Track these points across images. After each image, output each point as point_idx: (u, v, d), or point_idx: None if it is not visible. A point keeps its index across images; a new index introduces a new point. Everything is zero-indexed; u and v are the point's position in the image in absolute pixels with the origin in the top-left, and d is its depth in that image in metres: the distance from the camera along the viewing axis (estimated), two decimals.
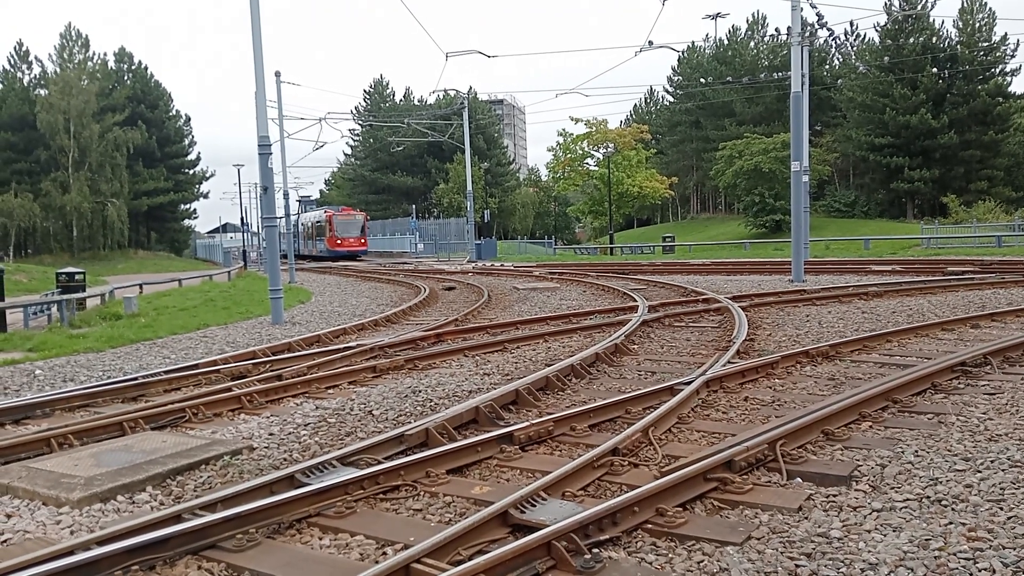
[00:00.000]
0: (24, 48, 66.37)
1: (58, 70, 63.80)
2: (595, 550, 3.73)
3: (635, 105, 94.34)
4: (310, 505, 4.40)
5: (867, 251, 34.36)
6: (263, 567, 3.76)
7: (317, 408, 7.16)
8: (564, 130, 66.39)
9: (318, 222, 55.99)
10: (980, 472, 4.65)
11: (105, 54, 70.89)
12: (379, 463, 5.04)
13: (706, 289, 16.90)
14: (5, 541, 4.30)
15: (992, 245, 33.29)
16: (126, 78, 71.55)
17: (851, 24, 64.71)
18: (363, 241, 54.17)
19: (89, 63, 66.17)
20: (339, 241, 52.45)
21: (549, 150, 69.64)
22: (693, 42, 79.40)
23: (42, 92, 62.70)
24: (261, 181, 15.87)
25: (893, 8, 58.03)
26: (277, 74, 31.69)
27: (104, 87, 65.13)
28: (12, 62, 66.07)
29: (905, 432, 5.56)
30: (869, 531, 3.88)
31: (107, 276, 37.57)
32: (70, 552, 3.70)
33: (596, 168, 64.59)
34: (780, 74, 58.73)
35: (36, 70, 66.30)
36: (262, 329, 13.86)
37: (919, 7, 57.36)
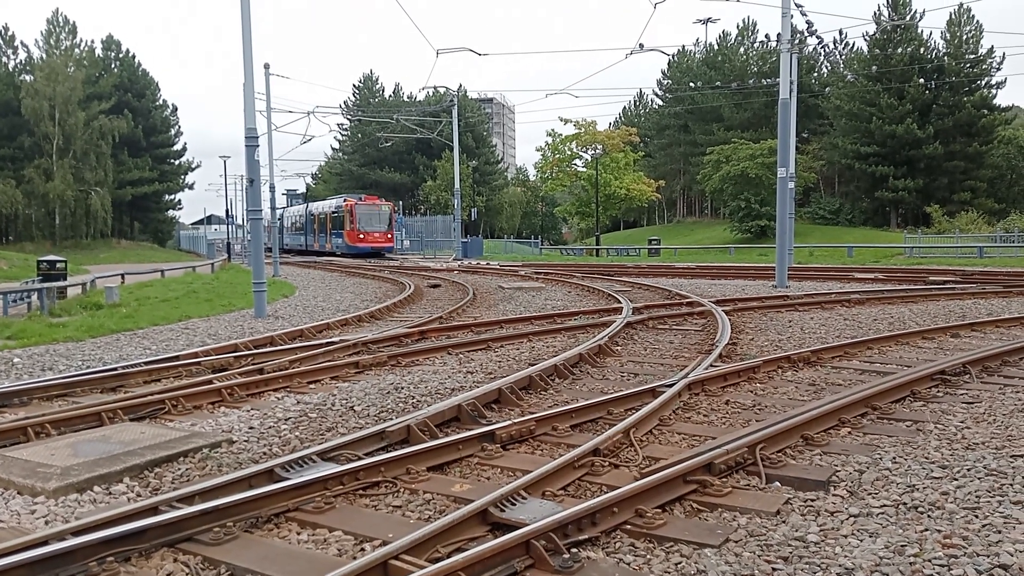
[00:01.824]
0: (10, 33, 65.55)
1: (44, 56, 63.08)
2: (574, 550, 3.73)
3: (624, 107, 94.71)
4: (289, 500, 4.38)
5: (850, 259, 34.60)
6: (240, 561, 3.74)
7: (298, 403, 7.13)
8: (553, 130, 66.53)
9: (335, 213, 48.09)
10: (956, 480, 4.70)
11: (92, 41, 70.22)
12: (359, 459, 5.02)
13: (690, 293, 16.96)
14: None
15: (974, 255, 33.62)
16: (113, 66, 70.85)
17: (840, 33, 65.39)
18: (390, 236, 46.49)
19: (76, 50, 65.46)
20: (361, 236, 44.66)
21: (538, 150, 69.79)
22: (683, 46, 79.67)
23: (27, 78, 61.93)
24: (247, 173, 15.78)
25: (882, 18, 58.48)
26: (266, 66, 31.51)
27: (90, 75, 64.46)
28: None
29: (883, 439, 5.61)
30: (846, 536, 3.91)
31: (89, 265, 37.25)
32: (44, 542, 3.66)
33: (584, 169, 64.69)
34: (768, 80, 59.15)
35: (22, 55, 65.53)
36: (244, 322, 13.78)
37: (908, 18, 57.82)
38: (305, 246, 55.15)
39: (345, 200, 47.40)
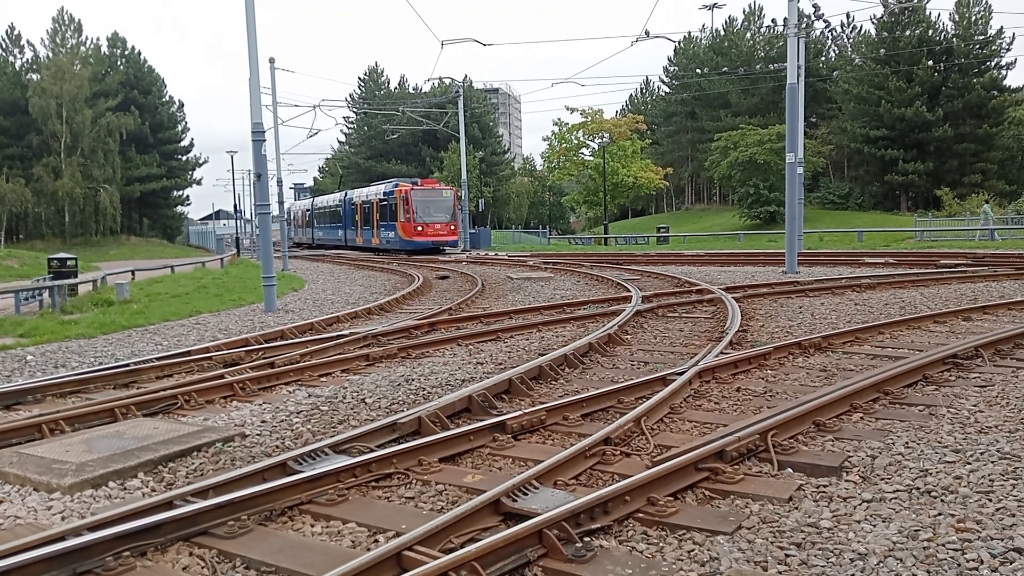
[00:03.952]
0: (16, 32, 65.65)
1: (50, 55, 63.25)
2: (586, 539, 3.74)
3: (631, 95, 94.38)
4: (302, 492, 4.40)
5: (861, 243, 34.43)
6: (255, 554, 3.76)
7: (310, 396, 7.16)
8: (559, 119, 66.26)
9: (384, 201, 40.41)
10: (970, 464, 4.68)
11: (98, 39, 70.40)
12: (372, 451, 5.04)
13: (700, 280, 16.93)
14: None
15: (985, 238, 33.39)
16: (119, 63, 70.87)
17: (847, 16, 64.89)
18: (454, 228, 38.79)
19: (82, 48, 65.61)
20: (419, 228, 37.26)
21: (544, 139, 69.65)
22: (689, 32, 79.48)
23: (34, 77, 62.07)
24: (254, 168, 15.80)
25: (889, 0, 58.00)
26: (271, 60, 31.39)
27: (97, 72, 64.51)
28: (4, 46, 65.42)
29: (896, 424, 5.59)
30: (859, 521, 3.90)
31: (99, 262, 37.41)
32: (61, 538, 3.69)
33: (591, 158, 64.49)
34: (776, 65, 58.76)
35: (28, 54, 65.65)
36: (255, 316, 13.83)
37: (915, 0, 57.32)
38: (344, 241, 47.56)
39: (397, 185, 39.60)
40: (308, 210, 56.36)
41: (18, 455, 5.35)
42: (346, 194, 48.63)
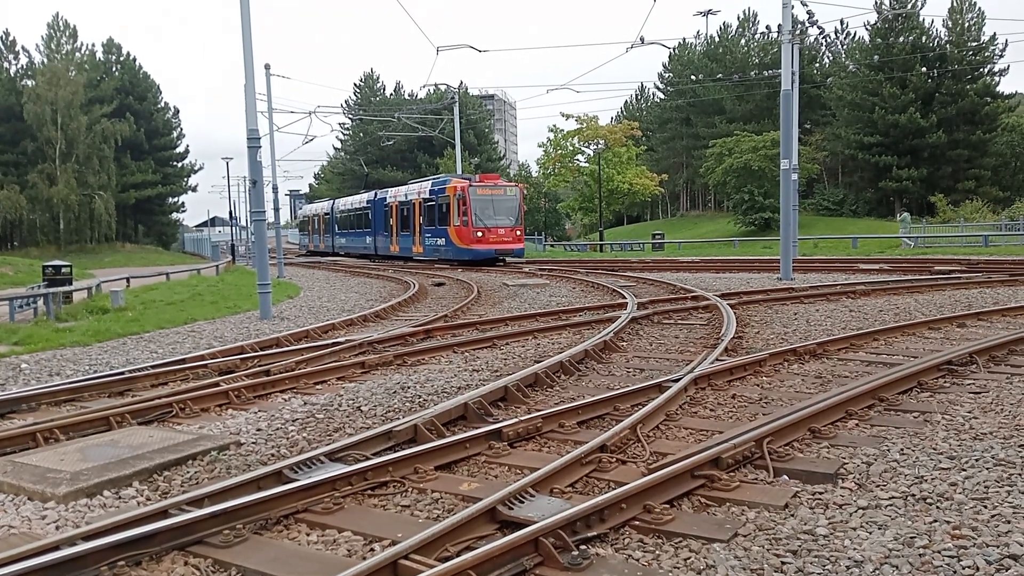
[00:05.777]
0: (11, 38, 65.53)
1: (45, 61, 63.15)
2: (583, 547, 3.74)
3: (626, 102, 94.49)
4: (298, 501, 4.39)
5: (855, 250, 34.51)
6: (250, 563, 3.75)
7: (305, 404, 7.15)
8: (555, 126, 66.32)
9: (431, 201, 33.35)
10: (965, 470, 4.69)
11: (93, 45, 70.26)
12: (367, 459, 5.03)
13: (695, 286, 16.95)
14: None
15: (979, 244, 33.50)
16: (114, 69, 70.84)
17: (841, 22, 65.03)
18: (519, 233, 31.76)
19: (77, 54, 65.51)
20: (479, 233, 30.09)
21: (540, 146, 69.41)
22: (684, 39, 79.51)
23: (29, 83, 61.99)
24: (250, 175, 15.79)
25: (883, 7, 58.22)
26: (267, 67, 31.38)
27: (92, 78, 64.44)
28: None
29: (891, 430, 5.60)
30: (855, 529, 3.91)
31: (94, 269, 37.24)
32: (55, 547, 3.68)
33: (586, 165, 64.59)
34: (770, 72, 59.05)
35: (23, 60, 65.53)
36: (250, 324, 13.81)
37: (909, 6, 57.58)
38: (374, 249, 40.76)
39: (450, 182, 32.43)
40: (328, 214, 49.29)
41: (12, 464, 5.33)
42: (376, 194, 41.66)
